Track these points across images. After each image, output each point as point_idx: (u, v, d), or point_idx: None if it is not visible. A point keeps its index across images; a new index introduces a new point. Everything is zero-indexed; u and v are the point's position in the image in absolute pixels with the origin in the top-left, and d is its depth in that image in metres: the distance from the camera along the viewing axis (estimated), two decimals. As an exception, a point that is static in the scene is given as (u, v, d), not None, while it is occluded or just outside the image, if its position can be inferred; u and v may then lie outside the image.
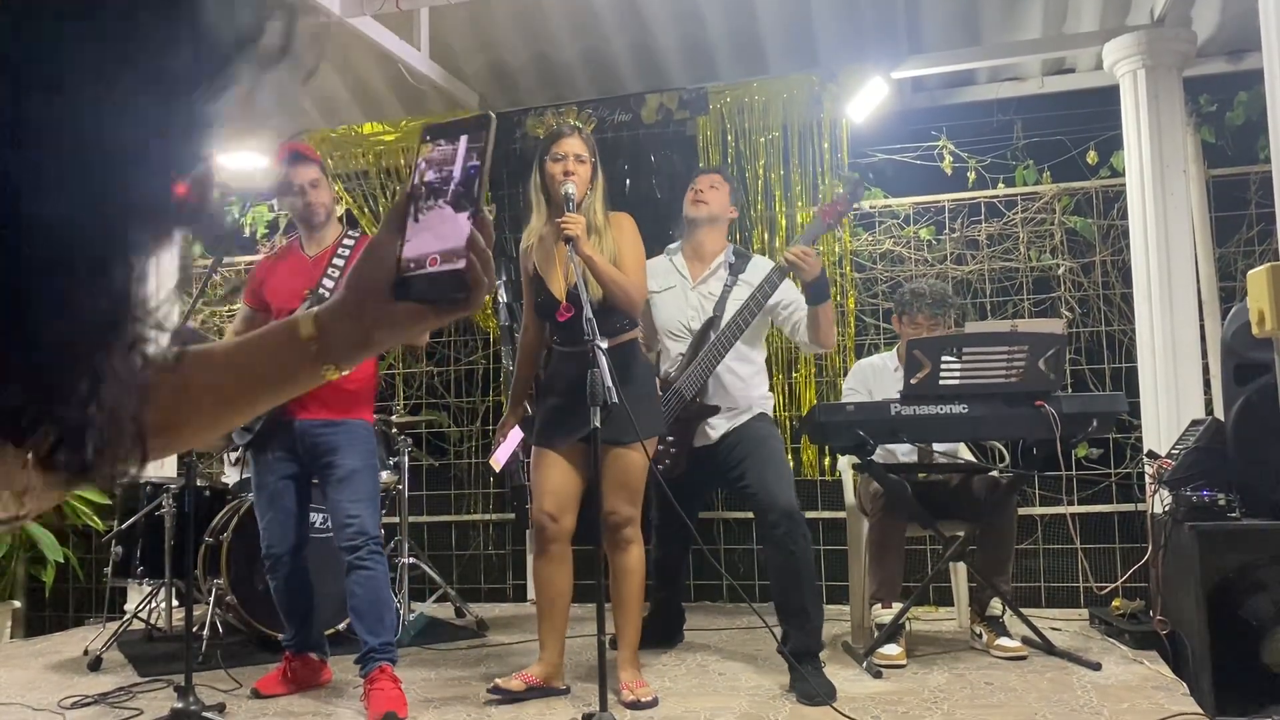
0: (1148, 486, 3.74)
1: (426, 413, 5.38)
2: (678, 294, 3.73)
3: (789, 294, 3.60)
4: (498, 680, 3.21)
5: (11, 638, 5.45)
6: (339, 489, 3.29)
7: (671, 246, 3.87)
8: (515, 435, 3.35)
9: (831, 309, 3.56)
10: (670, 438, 3.60)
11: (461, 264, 0.71)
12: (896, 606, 3.63)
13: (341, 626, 4.01)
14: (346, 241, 3.46)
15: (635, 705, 3.05)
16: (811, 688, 3.11)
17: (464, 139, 0.76)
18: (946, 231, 5.12)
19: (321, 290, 3.33)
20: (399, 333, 0.76)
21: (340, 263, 3.39)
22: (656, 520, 3.95)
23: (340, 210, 3.53)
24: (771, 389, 5.01)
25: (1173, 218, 4.44)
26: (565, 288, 3.17)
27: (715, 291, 3.68)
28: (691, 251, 3.79)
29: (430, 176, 0.76)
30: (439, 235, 0.73)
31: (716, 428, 3.64)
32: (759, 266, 3.71)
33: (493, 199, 5.44)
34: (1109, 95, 4.76)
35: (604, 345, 2.81)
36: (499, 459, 3.41)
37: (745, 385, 3.66)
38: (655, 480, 3.33)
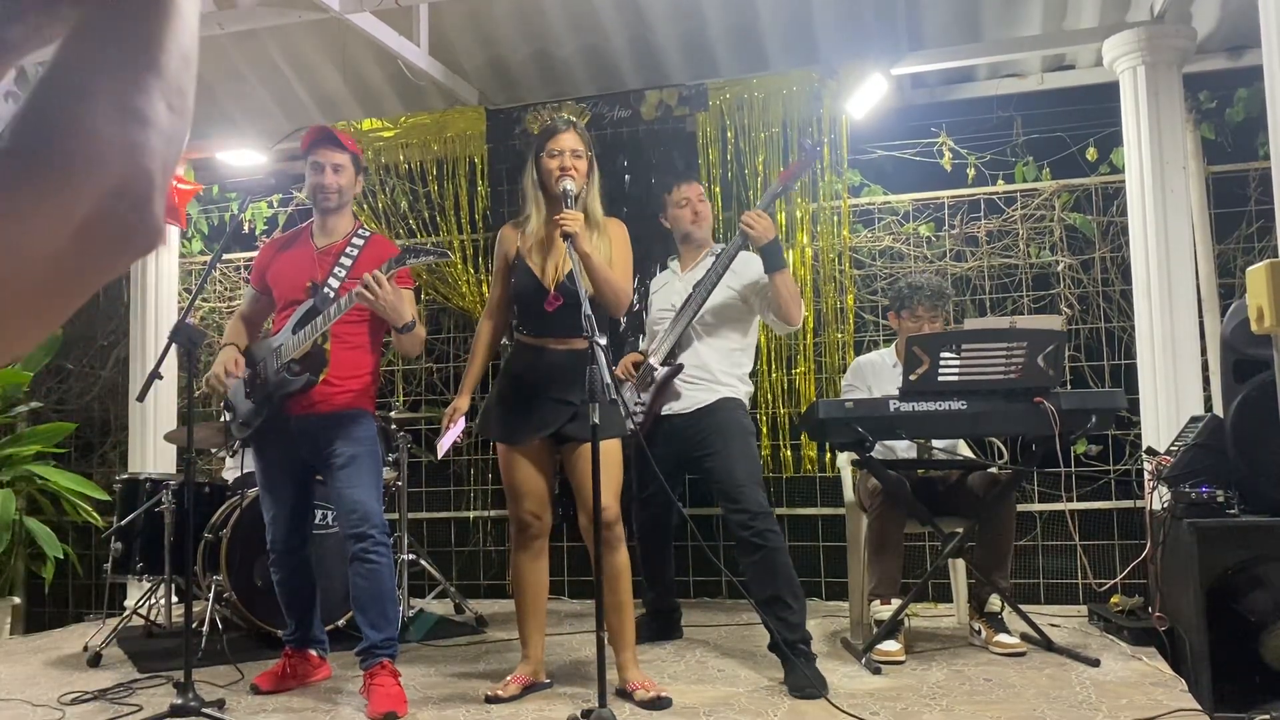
0: (1147, 483, 3.74)
1: (426, 409, 5.37)
2: (669, 287, 3.95)
3: (761, 273, 3.62)
4: (496, 690, 3.17)
5: (11, 634, 5.45)
6: (340, 476, 3.25)
7: (670, 261, 4.10)
8: (461, 423, 3.31)
9: (791, 280, 3.59)
10: (641, 396, 3.72)
11: None
12: (895, 603, 3.63)
13: (342, 622, 4.01)
14: (356, 240, 3.39)
15: (655, 703, 3.01)
16: (801, 679, 3.12)
17: None
18: (946, 228, 5.11)
19: (326, 289, 3.30)
20: None
21: (349, 261, 3.34)
22: (636, 508, 3.97)
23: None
24: (770, 386, 5.08)
25: (1172, 214, 4.44)
26: (557, 279, 3.16)
27: (698, 276, 3.80)
28: (685, 256, 3.99)
29: None
30: None
31: (685, 395, 3.69)
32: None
33: (492, 195, 5.44)
34: (1109, 92, 4.75)
35: (602, 342, 2.80)
36: (444, 446, 3.38)
37: (720, 359, 3.74)
38: (638, 455, 3.35)
